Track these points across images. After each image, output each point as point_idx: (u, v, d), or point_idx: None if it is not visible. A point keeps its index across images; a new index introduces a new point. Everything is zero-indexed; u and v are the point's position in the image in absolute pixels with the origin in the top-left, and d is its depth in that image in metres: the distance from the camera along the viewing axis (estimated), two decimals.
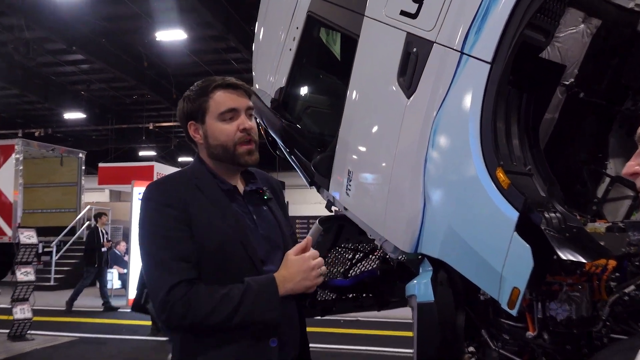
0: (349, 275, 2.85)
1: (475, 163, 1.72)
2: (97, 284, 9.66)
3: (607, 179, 2.43)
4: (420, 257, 2.04)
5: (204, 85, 1.47)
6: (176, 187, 1.40)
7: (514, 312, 1.59)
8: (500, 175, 1.68)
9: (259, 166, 1.58)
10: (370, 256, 2.88)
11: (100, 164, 14.15)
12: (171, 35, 11.64)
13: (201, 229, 1.34)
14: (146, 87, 14.38)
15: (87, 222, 12.38)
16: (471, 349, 2.13)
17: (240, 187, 1.53)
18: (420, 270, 2.04)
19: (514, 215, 1.60)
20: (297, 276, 1.36)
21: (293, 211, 16.62)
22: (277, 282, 1.34)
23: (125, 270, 10.41)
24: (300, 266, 1.37)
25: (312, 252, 1.41)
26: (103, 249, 9.52)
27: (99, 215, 9.97)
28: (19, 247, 6.96)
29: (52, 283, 12.09)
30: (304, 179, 2.78)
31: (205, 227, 1.35)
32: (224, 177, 1.49)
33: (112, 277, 10.99)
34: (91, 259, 9.41)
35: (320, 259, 1.41)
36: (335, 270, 2.84)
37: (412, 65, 1.99)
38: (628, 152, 2.02)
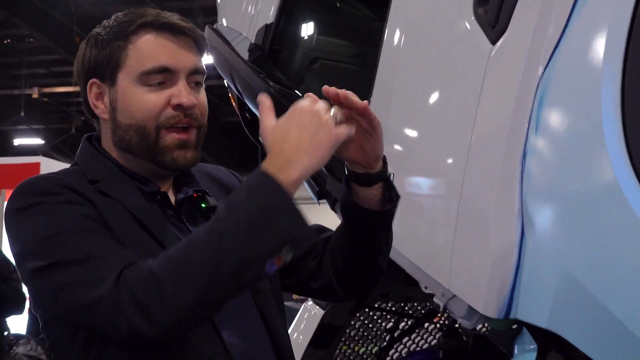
0: (389, 358, 2.86)
1: (612, 160, 1.72)
2: None
3: None
4: (515, 326, 2.04)
5: (124, 20, 1.52)
6: (67, 181, 1.44)
7: None
8: None
9: (224, 164, 1.61)
10: (426, 325, 2.88)
11: None
12: None
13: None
14: (26, 24, 14.52)
15: None
16: None
17: (170, 195, 1.59)
18: (516, 351, 2.05)
19: None
20: (302, 136, 1.35)
21: None
22: (270, 171, 1.34)
23: None
24: (298, 117, 1.37)
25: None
26: None
27: None
28: None
29: None
30: (307, 188, 2.78)
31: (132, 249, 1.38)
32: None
33: None
34: None
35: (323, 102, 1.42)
36: (363, 349, 2.84)
37: None
38: None
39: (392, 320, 2.87)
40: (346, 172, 1.60)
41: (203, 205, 1.58)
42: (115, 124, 1.50)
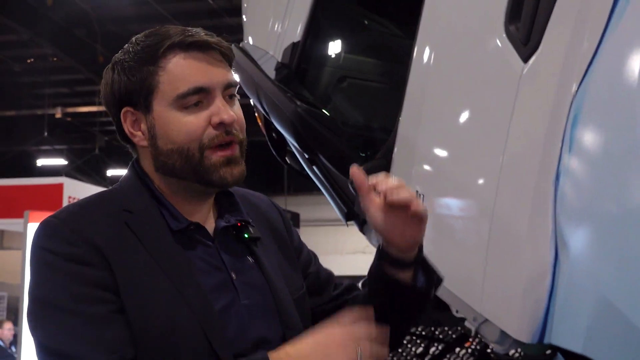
0: None
1: None
2: None
3: None
4: (549, 351, 2.04)
5: (150, 42, 1.50)
6: (91, 226, 1.44)
7: None
8: None
9: (250, 186, 1.61)
10: (457, 349, 2.86)
11: None
12: None
13: (132, 300, 1.39)
14: (49, 43, 14.69)
15: None
16: None
17: (210, 223, 1.57)
18: None
19: None
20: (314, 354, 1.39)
21: None
22: None
23: None
24: (324, 345, 1.40)
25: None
26: None
27: None
28: None
29: None
30: (335, 209, 2.80)
31: (140, 301, 1.39)
32: (181, 206, 1.53)
33: None
34: None
35: (368, 329, 1.44)
36: None
37: (531, 0, 2.01)
38: None
39: (422, 344, 2.86)
40: (379, 247, 1.62)
41: (246, 235, 1.58)
42: (157, 150, 1.49)
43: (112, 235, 1.43)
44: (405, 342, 2.85)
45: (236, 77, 1.58)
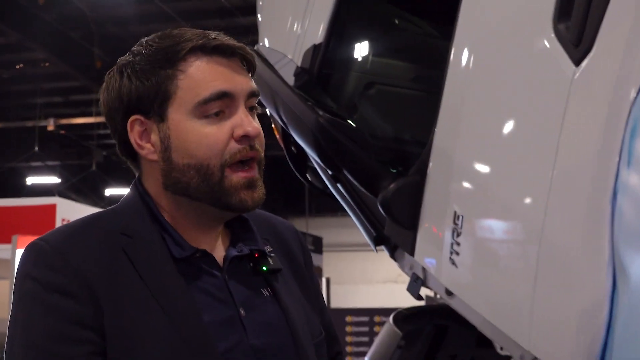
0: None
1: None
2: None
3: None
4: None
5: (168, 44, 1.52)
6: (83, 251, 1.45)
7: None
8: None
9: (266, 206, 1.62)
10: None
11: None
12: None
13: (120, 342, 1.39)
14: (41, 46, 14.81)
15: None
16: None
17: (220, 251, 1.58)
18: None
19: None
20: None
21: (339, 299, 16.53)
22: None
23: None
24: None
25: None
26: None
27: None
28: None
29: None
30: (363, 232, 2.80)
31: (129, 344, 1.39)
32: (188, 230, 1.54)
33: None
34: None
35: None
36: None
37: None
38: None
39: None
40: None
41: (264, 268, 1.58)
42: (170, 165, 1.50)
43: (105, 263, 1.44)
44: None
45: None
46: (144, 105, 1.51)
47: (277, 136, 3.26)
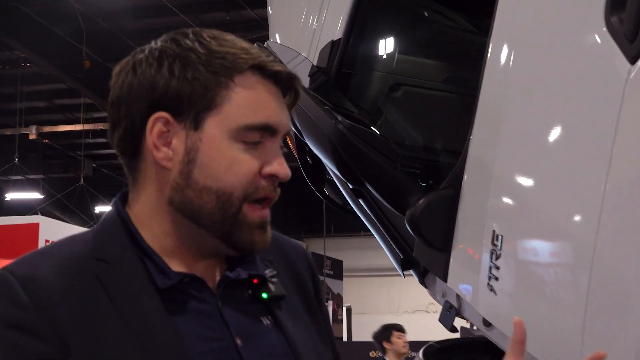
0: None
1: None
2: None
3: None
4: None
5: (228, 50, 1.50)
6: (51, 282, 1.44)
7: None
8: None
9: (278, 225, 1.61)
10: None
11: None
12: None
13: None
14: (23, 45, 14.93)
15: None
16: None
17: (212, 275, 1.57)
18: None
19: None
20: None
21: (361, 331, 16.55)
22: None
23: None
24: None
25: None
26: None
27: None
28: None
29: None
30: (389, 255, 2.79)
31: None
32: (177, 255, 1.53)
33: None
34: None
35: None
36: None
37: None
38: None
39: None
40: None
41: (264, 295, 1.57)
42: (187, 181, 1.48)
43: (76, 295, 1.43)
44: None
45: None
46: (179, 104, 1.48)
47: (290, 145, 3.26)
